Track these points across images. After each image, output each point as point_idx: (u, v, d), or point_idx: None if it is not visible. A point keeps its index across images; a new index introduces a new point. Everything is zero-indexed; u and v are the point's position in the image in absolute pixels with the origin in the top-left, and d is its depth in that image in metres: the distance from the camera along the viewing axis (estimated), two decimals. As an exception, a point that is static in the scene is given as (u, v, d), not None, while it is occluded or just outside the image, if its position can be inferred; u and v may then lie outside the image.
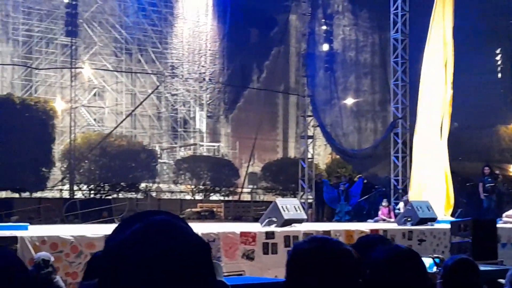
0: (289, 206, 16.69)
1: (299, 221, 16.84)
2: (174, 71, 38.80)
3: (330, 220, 29.60)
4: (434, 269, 8.61)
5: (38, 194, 30.70)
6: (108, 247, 1.67)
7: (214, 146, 42.12)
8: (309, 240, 2.53)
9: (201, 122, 41.38)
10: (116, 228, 1.78)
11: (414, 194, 25.51)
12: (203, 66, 38.95)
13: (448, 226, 18.13)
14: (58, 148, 33.72)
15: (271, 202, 21.57)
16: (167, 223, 1.65)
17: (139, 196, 33.25)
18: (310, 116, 33.49)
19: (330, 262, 2.36)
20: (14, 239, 11.82)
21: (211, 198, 36.50)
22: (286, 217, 16.17)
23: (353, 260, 2.42)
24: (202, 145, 41.24)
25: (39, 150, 29.31)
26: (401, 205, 25.20)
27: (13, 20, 37.60)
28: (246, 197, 38.38)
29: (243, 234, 14.88)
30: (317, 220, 28.82)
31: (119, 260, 1.59)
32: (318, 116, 33.21)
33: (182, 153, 40.93)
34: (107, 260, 1.63)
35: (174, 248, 1.60)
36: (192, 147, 41.31)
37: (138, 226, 1.64)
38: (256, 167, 41.19)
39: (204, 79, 39.50)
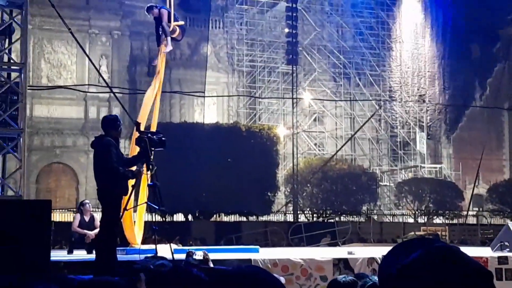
0: (523, 230, 15.77)
1: (535, 246, 15.84)
2: (393, 93, 38.59)
3: None
4: None
5: (264, 218, 31.73)
6: (388, 271, 1.70)
7: (436, 167, 41.10)
8: None
9: (421, 143, 40.60)
10: (390, 253, 1.81)
11: None
12: (422, 88, 38.38)
13: None
14: (281, 173, 34.77)
15: (499, 225, 20.59)
16: (451, 250, 1.66)
17: (361, 219, 33.22)
18: (540, 134, 31.59)
19: None
20: (248, 261, 12.29)
21: (434, 221, 35.55)
22: (520, 241, 15.31)
23: None
24: (424, 167, 40.41)
25: (264, 175, 30.36)
26: None
27: (238, 52, 39.68)
28: (472, 220, 36.88)
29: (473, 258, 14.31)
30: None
31: (406, 284, 1.62)
32: (549, 133, 31.22)
33: (402, 175, 40.41)
34: (393, 284, 1.67)
35: (461, 274, 1.60)
36: (413, 169, 40.63)
37: (421, 252, 1.66)
38: (482, 189, 39.53)
39: (424, 101, 38.88)
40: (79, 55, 37.61)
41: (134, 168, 9.91)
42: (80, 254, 13.48)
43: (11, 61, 14.28)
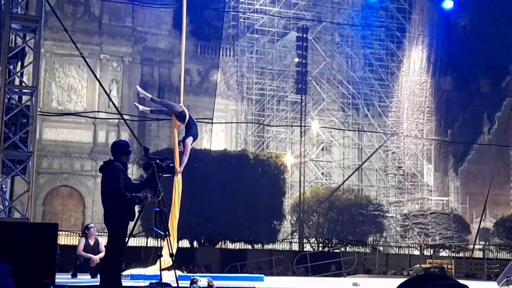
0: (530, 265, 15.66)
1: (541, 281, 15.71)
2: (401, 125, 38.62)
3: None
4: None
5: (269, 246, 31.59)
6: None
7: (442, 200, 40.96)
8: None
9: (428, 176, 40.52)
10: (401, 287, 1.84)
11: None
12: (431, 120, 38.39)
13: None
14: (288, 202, 34.69)
15: (506, 260, 20.49)
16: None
17: (367, 250, 33.07)
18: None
19: None
20: (252, 290, 12.22)
21: (440, 254, 35.33)
22: (526, 277, 15.19)
23: None
24: (430, 199, 40.27)
25: (270, 204, 30.29)
26: None
27: (247, 80, 39.91)
28: (478, 254, 36.65)
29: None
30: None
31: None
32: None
33: (409, 207, 40.28)
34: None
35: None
36: (419, 201, 40.50)
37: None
38: (488, 223, 39.34)
39: (432, 133, 38.88)
40: (89, 80, 37.87)
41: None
42: (84, 278, 13.47)
43: (23, 84, 14.39)
